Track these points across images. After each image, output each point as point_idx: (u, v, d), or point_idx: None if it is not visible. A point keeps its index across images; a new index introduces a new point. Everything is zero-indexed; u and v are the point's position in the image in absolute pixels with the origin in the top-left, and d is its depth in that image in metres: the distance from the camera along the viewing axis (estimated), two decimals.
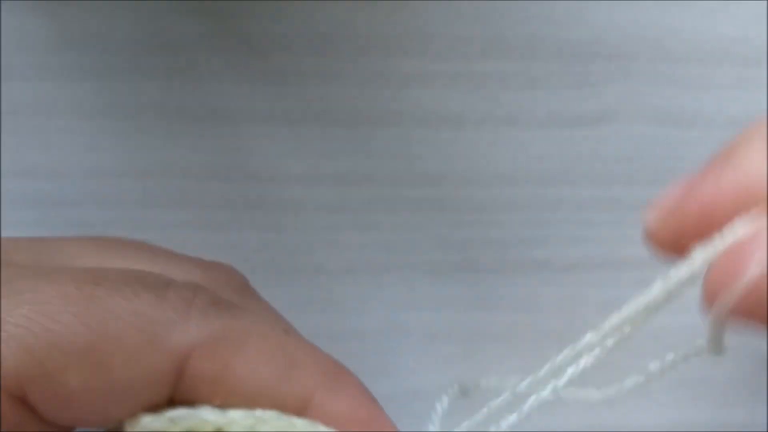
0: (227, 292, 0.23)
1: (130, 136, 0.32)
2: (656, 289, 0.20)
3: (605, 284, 0.34)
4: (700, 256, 0.18)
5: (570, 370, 0.23)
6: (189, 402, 0.21)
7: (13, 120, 0.31)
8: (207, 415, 0.21)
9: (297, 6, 0.32)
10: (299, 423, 0.21)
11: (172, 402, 0.21)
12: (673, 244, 0.20)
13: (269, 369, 0.21)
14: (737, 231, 0.16)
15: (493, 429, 0.23)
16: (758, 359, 0.35)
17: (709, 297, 0.17)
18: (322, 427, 0.21)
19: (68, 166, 0.31)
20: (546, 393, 0.23)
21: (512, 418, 0.23)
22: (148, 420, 0.21)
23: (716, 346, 0.19)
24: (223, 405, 0.21)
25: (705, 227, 0.18)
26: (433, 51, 0.33)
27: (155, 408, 0.21)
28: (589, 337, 0.22)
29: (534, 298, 0.34)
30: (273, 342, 0.22)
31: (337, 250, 0.33)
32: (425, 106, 0.33)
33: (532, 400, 0.23)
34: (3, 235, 0.23)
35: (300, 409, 0.22)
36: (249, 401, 0.21)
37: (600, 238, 0.34)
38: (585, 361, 0.23)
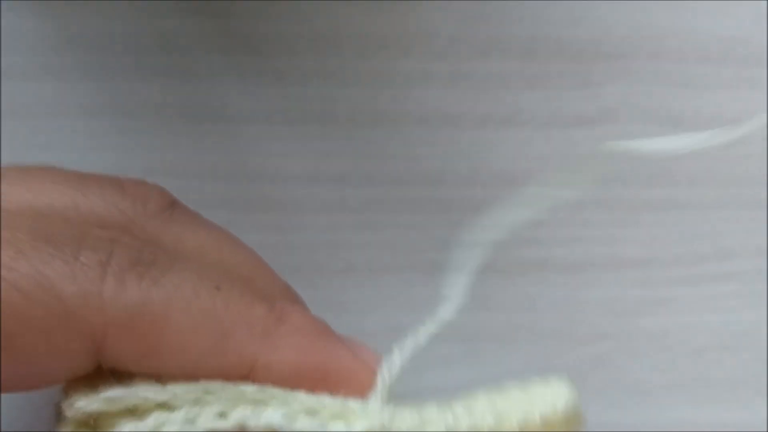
0: (151, 219, 0.22)
1: (130, 136, 0.32)
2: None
3: (605, 284, 0.34)
4: None
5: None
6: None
7: (13, 120, 0.31)
8: (145, 392, 0.20)
9: (297, 6, 0.32)
10: (249, 390, 0.20)
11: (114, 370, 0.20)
12: None
13: (199, 342, 0.20)
14: None
15: None
16: (758, 359, 0.35)
17: None
18: (273, 390, 0.20)
19: (68, 166, 0.31)
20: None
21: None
22: (82, 403, 0.19)
23: None
24: (163, 379, 0.20)
25: None
26: (433, 51, 0.33)
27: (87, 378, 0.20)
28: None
29: (534, 298, 0.34)
30: (200, 310, 0.20)
31: (337, 250, 0.33)
32: (425, 106, 0.33)
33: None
34: None
35: (245, 375, 0.20)
36: (187, 375, 0.20)
37: (600, 238, 0.34)
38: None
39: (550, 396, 0.22)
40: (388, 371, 0.22)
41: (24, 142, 0.31)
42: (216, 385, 0.20)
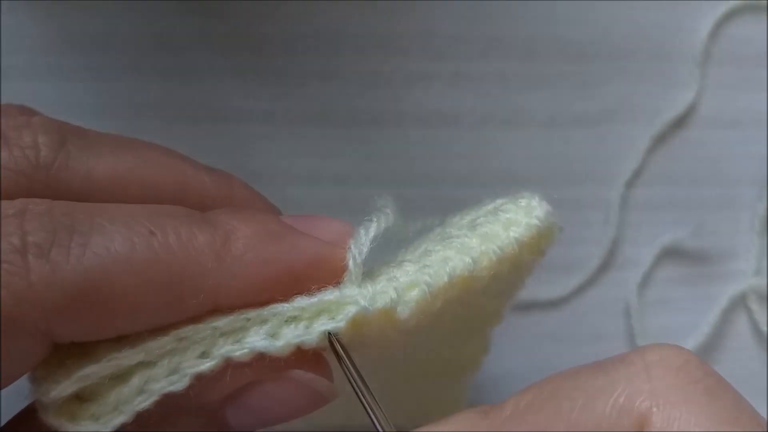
0: (49, 167, 0.19)
1: (130, 136, 0.32)
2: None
3: (605, 284, 0.34)
4: None
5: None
6: None
7: None
8: (117, 360, 0.19)
9: (297, 6, 0.32)
10: (221, 323, 0.19)
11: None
12: None
13: (151, 297, 0.18)
14: None
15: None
16: (758, 359, 0.35)
17: None
18: (246, 313, 0.20)
19: None
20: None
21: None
22: (56, 392, 0.19)
23: None
24: (130, 338, 0.19)
25: None
26: (433, 51, 0.33)
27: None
28: None
29: (534, 298, 0.34)
30: (140, 264, 0.18)
31: None
32: (425, 106, 0.33)
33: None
34: None
35: (212, 308, 0.19)
36: (151, 329, 0.19)
37: (600, 238, 0.34)
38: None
39: (523, 216, 0.22)
40: (357, 248, 0.21)
41: None
42: (187, 329, 0.19)
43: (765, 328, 0.35)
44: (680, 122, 0.34)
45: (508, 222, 0.22)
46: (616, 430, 0.18)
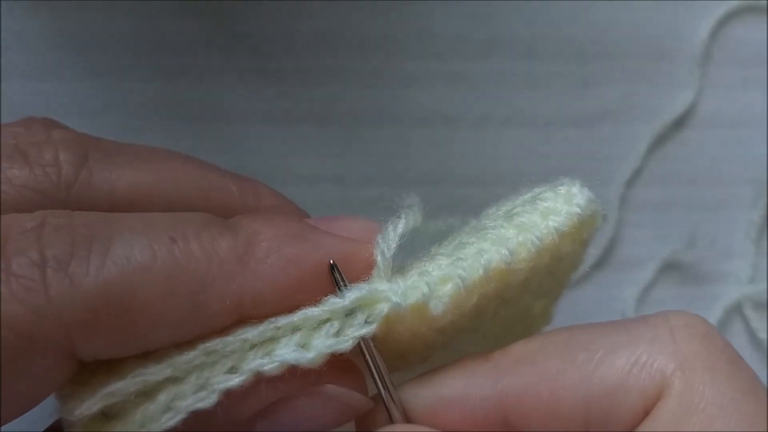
0: (71, 182, 0.19)
1: (130, 136, 0.32)
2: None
3: (605, 284, 0.34)
4: None
5: None
6: None
7: (13, 120, 0.31)
8: (143, 376, 0.18)
9: (297, 6, 0.32)
10: (250, 334, 0.19)
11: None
12: None
13: (175, 307, 0.18)
14: None
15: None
16: (758, 359, 0.35)
17: None
18: (274, 320, 0.19)
19: None
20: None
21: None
22: (80, 410, 0.18)
23: None
24: (156, 353, 0.18)
25: None
26: (433, 51, 0.33)
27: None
28: None
29: None
30: (162, 273, 0.17)
31: None
32: (425, 106, 0.33)
33: None
34: None
35: (239, 317, 0.19)
36: (176, 342, 0.18)
37: (600, 238, 0.34)
38: None
39: (563, 204, 0.20)
40: (385, 243, 0.20)
41: None
42: (216, 342, 0.18)
43: (763, 336, 0.35)
44: (680, 122, 0.34)
45: (547, 211, 0.20)
46: (634, 387, 0.18)
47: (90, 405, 0.18)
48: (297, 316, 0.19)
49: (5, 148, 0.19)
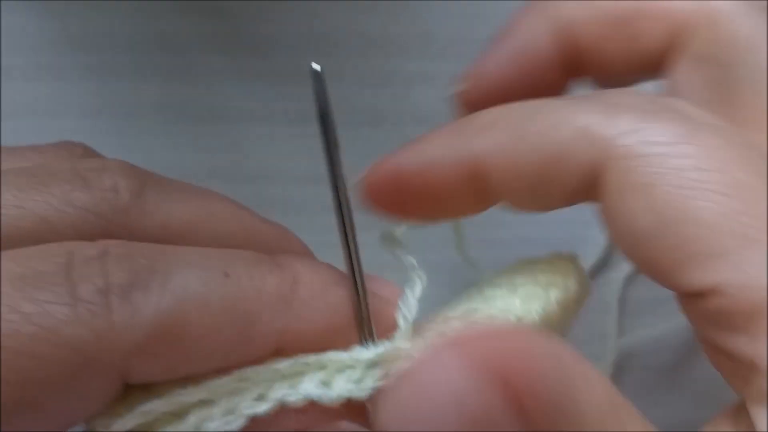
0: (129, 211, 0.20)
1: (130, 136, 0.32)
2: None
3: (605, 284, 0.34)
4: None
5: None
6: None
7: (13, 120, 0.31)
8: (180, 397, 0.19)
9: (297, 6, 0.32)
10: (282, 366, 0.19)
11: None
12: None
13: (224, 337, 0.18)
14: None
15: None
16: None
17: None
18: (306, 358, 0.20)
19: None
20: None
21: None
22: (118, 426, 0.19)
23: None
24: (194, 377, 0.19)
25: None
26: (433, 51, 0.33)
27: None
28: None
29: None
30: (215, 304, 0.18)
31: (337, 250, 0.33)
32: (425, 106, 0.33)
33: None
34: None
35: (276, 351, 0.20)
36: (218, 369, 0.19)
37: (600, 238, 0.34)
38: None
39: (561, 278, 0.23)
40: (406, 307, 0.22)
41: (24, 142, 0.31)
42: (249, 371, 0.19)
43: None
44: None
45: (548, 283, 0.23)
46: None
47: (128, 421, 0.19)
48: (326, 357, 0.20)
49: (64, 173, 0.20)
